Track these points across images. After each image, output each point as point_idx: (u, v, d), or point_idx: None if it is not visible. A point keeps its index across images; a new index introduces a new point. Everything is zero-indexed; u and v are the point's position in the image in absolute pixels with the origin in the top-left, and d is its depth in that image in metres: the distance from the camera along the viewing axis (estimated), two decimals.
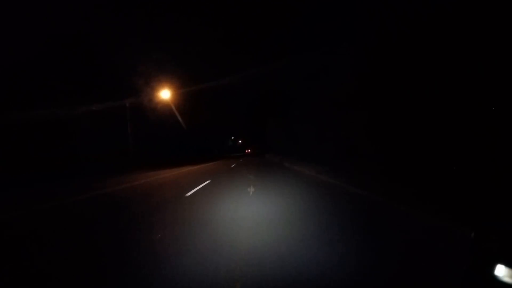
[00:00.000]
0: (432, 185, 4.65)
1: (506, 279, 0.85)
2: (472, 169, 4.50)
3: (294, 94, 15.60)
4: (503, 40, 4.21)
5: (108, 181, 10.48)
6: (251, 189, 6.22)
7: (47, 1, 14.62)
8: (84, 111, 16.24)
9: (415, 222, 3.25)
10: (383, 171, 6.65)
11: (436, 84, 5.42)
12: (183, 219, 3.91)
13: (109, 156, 18.41)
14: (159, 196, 6.12)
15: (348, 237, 2.79)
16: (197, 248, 2.63)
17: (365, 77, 7.39)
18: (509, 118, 4.03)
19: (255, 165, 16.37)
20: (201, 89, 24.59)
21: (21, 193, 8.67)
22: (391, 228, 3.05)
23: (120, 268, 2.30)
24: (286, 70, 15.66)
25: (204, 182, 8.25)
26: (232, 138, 70.72)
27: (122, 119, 17.75)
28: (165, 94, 18.67)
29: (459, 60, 4.94)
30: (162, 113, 22.25)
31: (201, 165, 18.93)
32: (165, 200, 5.52)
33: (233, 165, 17.53)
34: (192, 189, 6.73)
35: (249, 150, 53.06)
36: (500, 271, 0.87)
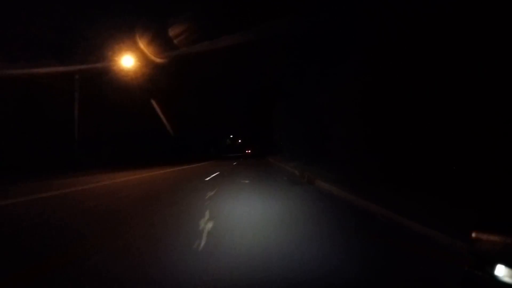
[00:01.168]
0: (432, 185, 4.64)
1: (506, 279, 0.85)
2: (472, 169, 4.50)
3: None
4: (503, 40, 4.20)
5: None
6: None
7: None
8: None
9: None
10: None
11: (436, 83, 5.42)
12: None
13: (42, 149, 12.01)
14: None
15: None
16: None
17: (365, 76, 7.38)
18: (509, 118, 4.03)
19: (258, 186, 7.00)
20: (193, 79, 21.29)
21: None
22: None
23: None
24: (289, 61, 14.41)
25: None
26: (231, 136, 65.71)
27: (69, 97, 11.90)
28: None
29: (459, 60, 4.94)
30: (137, 97, 16.12)
31: (162, 171, 12.50)
32: None
33: (216, 173, 10.74)
34: None
35: (249, 151, 50.95)
36: (500, 271, 0.87)
